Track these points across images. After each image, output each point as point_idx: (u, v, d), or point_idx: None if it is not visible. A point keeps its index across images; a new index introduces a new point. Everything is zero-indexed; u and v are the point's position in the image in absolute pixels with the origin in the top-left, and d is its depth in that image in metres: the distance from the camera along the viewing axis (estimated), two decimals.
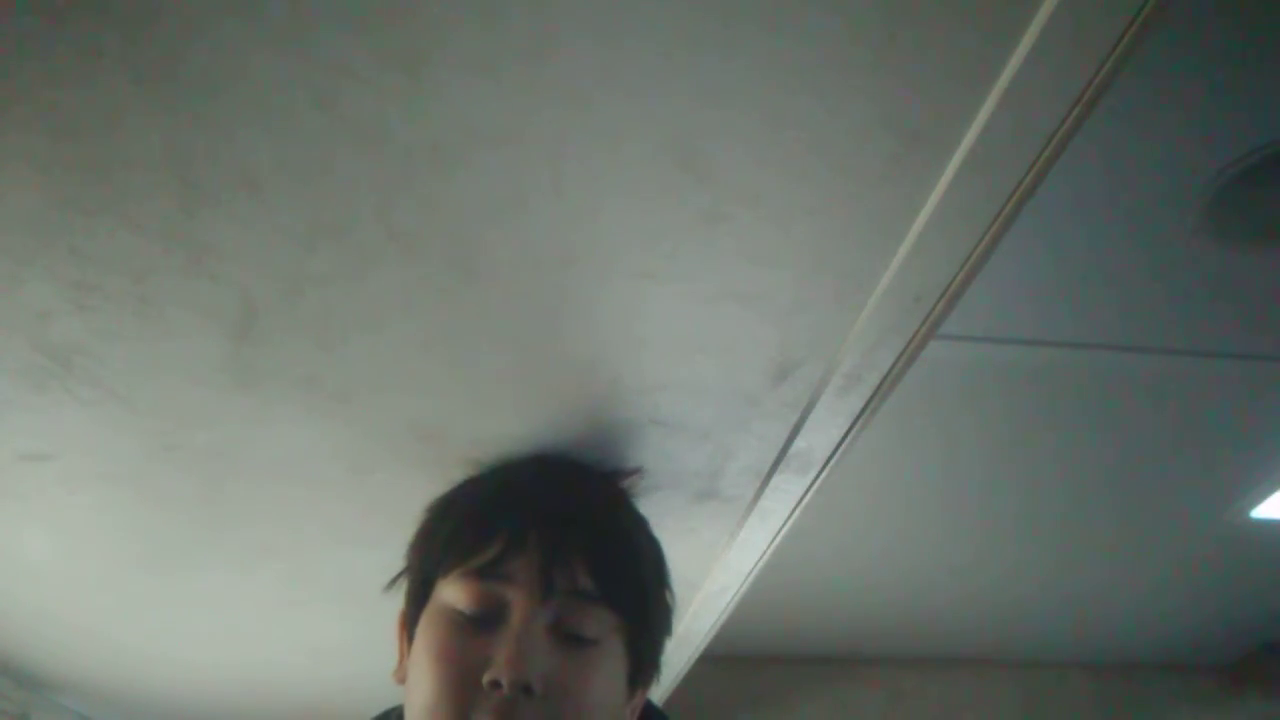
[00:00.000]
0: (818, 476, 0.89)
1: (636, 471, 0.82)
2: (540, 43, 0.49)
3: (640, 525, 0.78)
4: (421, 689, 0.66)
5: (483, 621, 0.66)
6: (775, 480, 0.88)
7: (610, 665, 0.68)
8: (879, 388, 0.77)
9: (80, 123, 0.53)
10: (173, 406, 0.77)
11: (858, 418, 0.81)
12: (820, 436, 0.82)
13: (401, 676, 0.75)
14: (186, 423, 0.79)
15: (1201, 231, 1.17)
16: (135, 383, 0.74)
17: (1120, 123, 1.03)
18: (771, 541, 1.02)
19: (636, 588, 0.71)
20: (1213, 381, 1.48)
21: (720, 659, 2.18)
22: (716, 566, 1.05)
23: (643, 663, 0.72)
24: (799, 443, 0.83)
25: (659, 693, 1.42)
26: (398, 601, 0.77)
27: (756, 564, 1.07)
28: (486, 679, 0.63)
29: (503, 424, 0.78)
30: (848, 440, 0.84)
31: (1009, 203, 0.60)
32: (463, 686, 0.64)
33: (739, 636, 1.71)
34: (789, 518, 0.97)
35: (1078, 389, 1.48)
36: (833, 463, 0.87)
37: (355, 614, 1.17)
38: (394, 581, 0.78)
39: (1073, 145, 0.56)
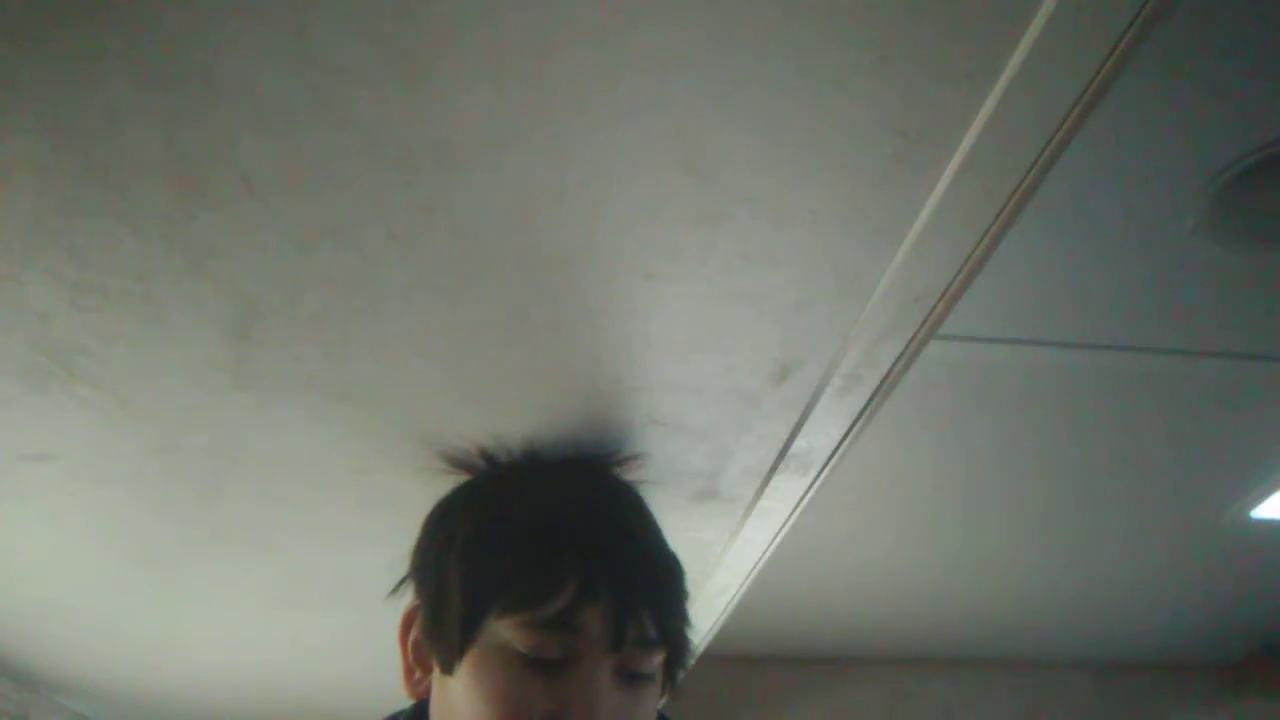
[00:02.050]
0: (818, 476, 0.89)
1: (634, 458, 0.81)
2: (541, 43, 0.49)
3: (668, 545, 0.76)
4: None
5: (546, 666, 0.65)
6: (775, 480, 0.88)
7: (656, 695, 0.70)
8: (879, 388, 0.77)
9: (80, 124, 0.53)
10: (172, 407, 0.77)
11: (858, 418, 0.81)
12: (820, 436, 0.82)
13: (420, 693, 0.74)
14: (186, 423, 0.79)
15: (1201, 231, 1.17)
16: (135, 383, 0.74)
17: (1120, 123, 1.03)
18: (771, 541, 1.02)
19: (686, 625, 0.72)
20: (1213, 381, 1.48)
21: (720, 659, 2.18)
22: (716, 566, 1.06)
23: (675, 681, 0.74)
24: (799, 443, 0.83)
25: None
26: (396, 601, 0.77)
27: (756, 564, 1.07)
28: None
29: (502, 424, 0.78)
30: (848, 440, 0.84)
31: (1009, 203, 0.60)
32: None
33: (739, 636, 1.71)
34: (789, 518, 0.97)
35: (1077, 389, 1.48)
36: (833, 463, 0.87)
37: (355, 613, 1.17)
38: (398, 588, 0.77)
39: (1072, 145, 0.56)
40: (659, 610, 0.68)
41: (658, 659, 0.69)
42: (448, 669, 0.69)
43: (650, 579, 0.69)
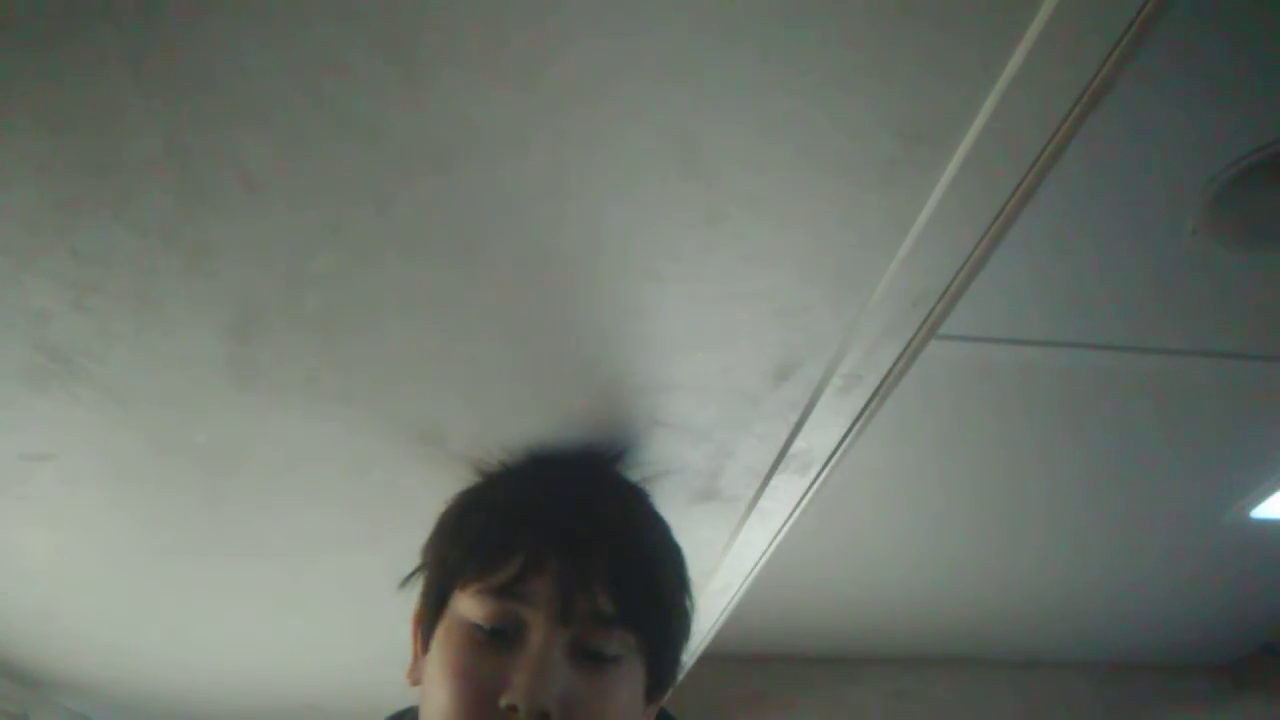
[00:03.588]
0: (818, 476, 0.89)
1: (631, 454, 0.81)
2: (541, 43, 0.49)
3: (661, 535, 0.76)
4: (437, 703, 0.65)
5: (501, 639, 0.65)
6: (775, 480, 0.88)
7: (630, 682, 0.68)
8: (879, 388, 0.77)
9: (80, 123, 0.53)
10: (173, 406, 0.77)
11: (858, 418, 0.81)
12: (820, 436, 0.82)
13: (416, 678, 0.74)
14: (186, 422, 0.79)
15: (1201, 231, 1.17)
16: (135, 383, 0.74)
17: (1120, 123, 1.03)
18: (771, 541, 1.02)
19: (657, 608, 0.70)
20: (1213, 381, 1.48)
21: (720, 659, 2.18)
22: (717, 566, 1.06)
23: (662, 676, 0.72)
24: (799, 443, 0.83)
25: None
26: (398, 600, 0.77)
27: (756, 564, 1.07)
28: (504, 703, 0.62)
29: (502, 424, 0.78)
30: (848, 440, 0.84)
31: (1009, 203, 0.60)
32: (478, 706, 0.63)
33: (739, 636, 1.71)
34: (789, 518, 0.97)
35: (1077, 389, 1.48)
36: (833, 463, 0.87)
37: (355, 613, 1.17)
38: (408, 580, 0.77)
39: (1073, 145, 0.56)
40: (620, 588, 0.66)
41: (620, 638, 0.66)
42: (425, 648, 0.70)
43: (611, 556, 0.67)
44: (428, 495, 0.80)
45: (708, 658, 1.37)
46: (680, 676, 0.76)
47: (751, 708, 2.32)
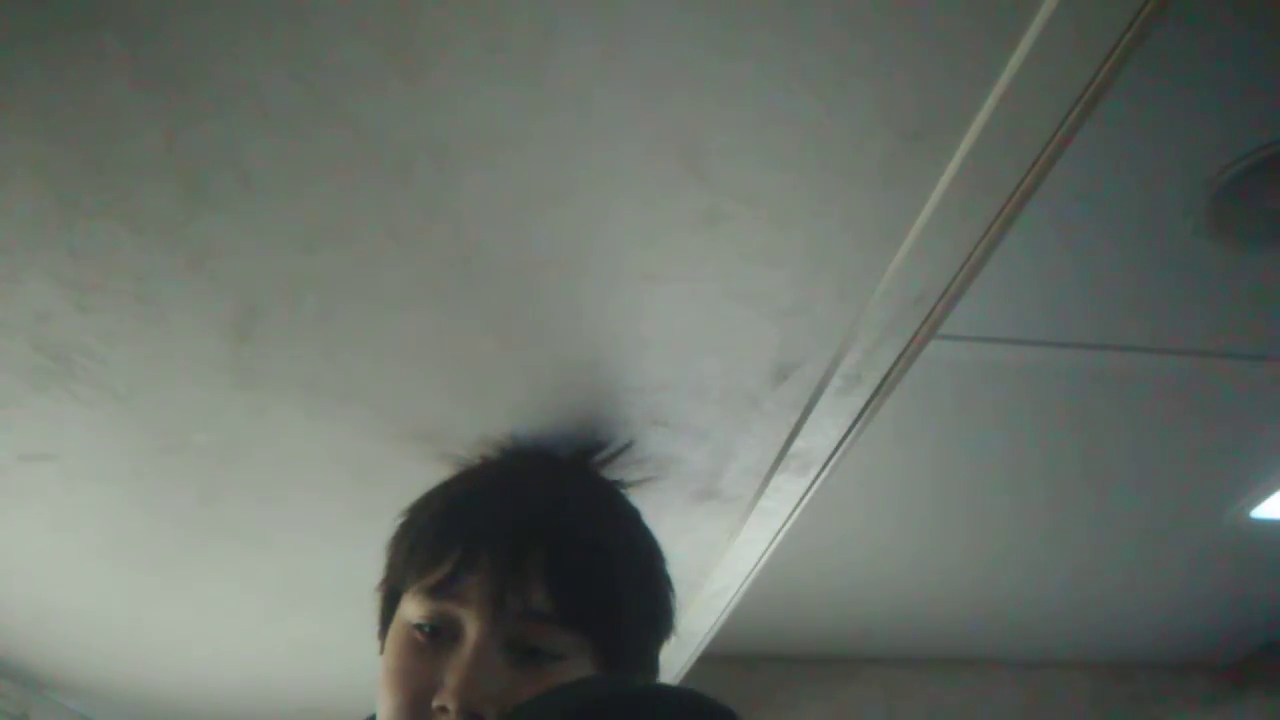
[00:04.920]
0: (818, 476, 0.89)
1: (626, 448, 0.80)
2: (541, 43, 0.49)
3: (624, 532, 0.74)
4: (382, 707, 0.64)
5: (438, 640, 0.64)
6: (775, 480, 0.88)
7: None
8: (879, 388, 0.77)
9: (80, 124, 0.53)
10: (173, 407, 0.77)
11: (858, 418, 0.81)
12: (820, 436, 0.82)
13: None
14: (186, 423, 0.79)
15: (1202, 231, 1.17)
16: (135, 383, 0.74)
17: (1120, 123, 1.03)
18: (771, 541, 1.02)
19: (604, 606, 0.67)
20: (1213, 381, 1.47)
21: (720, 659, 2.17)
22: (716, 566, 1.06)
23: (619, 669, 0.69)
24: (799, 443, 0.83)
25: None
26: None
27: (756, 564, 1.07)
28: (435, 704, 0.61)
29: (502, 424, 0.78)
30: (848, 440, 0.84)
31: (1009, 203, 0.60)
32: (413, 708, 0.62)
33: (739, 636, 1.71)
34: (789, 518, 0.97)
35: (1078, 389, 1.48)
36: (833, 463, 0.87)
37: (355, 613, 1.16)
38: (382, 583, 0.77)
39: (1073, 146, 0.56)
40: (555, 582, 0.64)
41: (561, 637, 0.64)
42: (381, 651, 0.70)
43: (551, 552, 0.65)
44: None
45: (708, 658, 1.37)
46: (660, 669, 0.74)
47: (751, 708, 2.32)
